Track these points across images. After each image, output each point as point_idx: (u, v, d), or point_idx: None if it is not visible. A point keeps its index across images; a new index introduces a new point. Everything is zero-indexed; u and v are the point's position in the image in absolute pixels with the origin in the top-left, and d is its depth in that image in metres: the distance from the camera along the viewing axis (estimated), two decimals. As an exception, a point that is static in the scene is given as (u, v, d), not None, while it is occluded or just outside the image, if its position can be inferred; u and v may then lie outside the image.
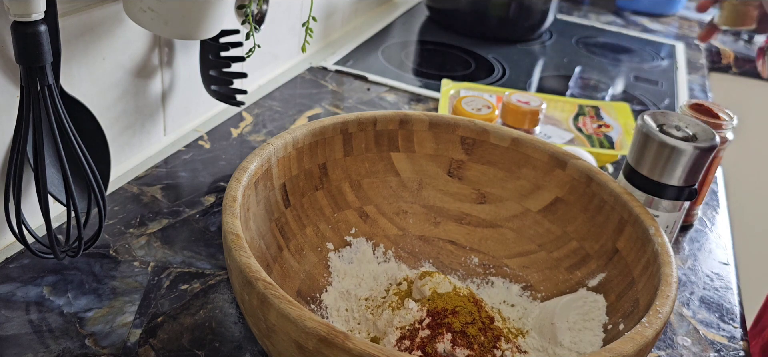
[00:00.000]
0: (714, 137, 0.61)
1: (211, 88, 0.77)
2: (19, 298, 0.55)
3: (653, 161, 0.61)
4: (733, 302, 0.66)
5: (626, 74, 1.23)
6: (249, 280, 0.41)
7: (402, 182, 0.63)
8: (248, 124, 0.87)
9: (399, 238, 0.63)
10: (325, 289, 0.57)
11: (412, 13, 1.43)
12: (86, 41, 0.63)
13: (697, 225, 0.77)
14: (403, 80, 1.06)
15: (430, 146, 0.63)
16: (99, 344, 0.51)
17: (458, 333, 0.49)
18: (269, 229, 0.54)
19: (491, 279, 0.60)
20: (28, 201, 0.60)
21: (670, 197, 0.62)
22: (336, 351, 0.37)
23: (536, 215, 0.61)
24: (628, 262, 0.53)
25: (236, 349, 0.53)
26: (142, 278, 0.59)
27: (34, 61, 0.50)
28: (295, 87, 1.00)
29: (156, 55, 0.74)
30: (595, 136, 0.89)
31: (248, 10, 0.73)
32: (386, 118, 0.62)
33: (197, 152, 0.79)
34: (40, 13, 0.49)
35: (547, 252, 0.59)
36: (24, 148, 0.52)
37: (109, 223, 0.65)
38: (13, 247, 0.60)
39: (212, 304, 0.57)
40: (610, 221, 0.55)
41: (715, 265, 0.71)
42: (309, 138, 0.58)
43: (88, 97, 0.65)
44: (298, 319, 0.38)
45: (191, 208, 0.69)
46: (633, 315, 0.48)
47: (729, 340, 0.61)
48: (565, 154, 0.60)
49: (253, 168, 0.52)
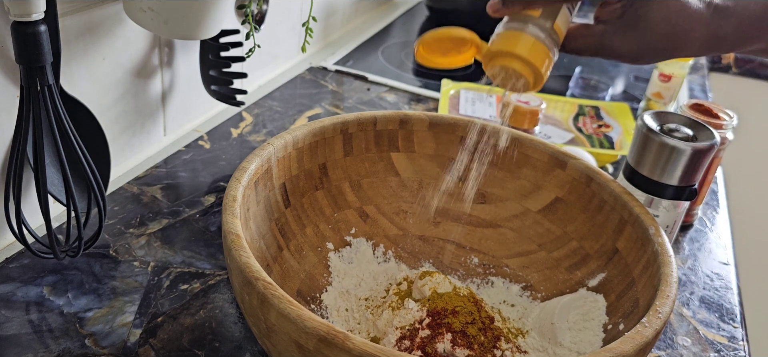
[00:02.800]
0: (714, 137, 0.61)
1: (211, 88, 0.77)
2: (19, 298, 0.55)
3: (653, 161, 0.61)
4: (733, 302, 0.66)
5: (626, 74, 1.22)
6: (249, 280, 0.41)
7: (402, 182, 0.63)
8: (248, 124, 0.87)
9: (399, 238, 0.63)
10: (325, 289, 0.57)
11: (412, 13, 1.43)
12: (86, 41, 0.63)
13: (697, 225, 0.77)
14: (403, 80, 1.06)
15: (430, 146, 0.63)
16: (99, 344, 0.51)
17: (458, 333, 0.49)
18: (269, 229, 0.54)
19: (491, 279, 0.60)
20: (28, 201, 0.60)
21: (670, 197, 0.62)
22: (336, 351, 0.37)
23: (536, 215, 0.61)
24: (628, 262, 0.53)
25: (236, 349, 0.53)
26: (142, 278, 0.59)
27: (34, 61, 0.50)
28: (295, 87, 1.00)
29: (156, 55, 0.73)
30: (595, 136, 0.89)
31: (248, 10, 0.73)
32: (386, 118, 0.62)
33: (197, 152, 0.79)
34: (40, 13, 0.49)
35: (547, 252, 0.59)
36: (24, 148, 0.52)
37: (109, 223, 0.65)
38: (13, 247, 0.60)
39: (212, 304, 0.57)
40: (610, 221, 0.55)
41: (715, 265, 0.71)
42: (309, 138, 0.58)
43: (88, 97, 0.65)
44: (298, 319, 0.38)
45: (191, 208, 0.69)
46: (633, 315, 0.48)
47: (729, 340, 0.61)
48: (565, 154, 0.60)
49: (253, 168, 0.52)
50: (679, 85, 0.97)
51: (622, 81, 1.19)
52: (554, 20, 0.49)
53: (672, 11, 0.47)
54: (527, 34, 0.49)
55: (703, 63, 1.38)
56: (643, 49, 0.48)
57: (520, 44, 0.49)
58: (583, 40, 0.51)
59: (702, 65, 1.36)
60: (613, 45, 0.49)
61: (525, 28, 0.49)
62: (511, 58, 0.49)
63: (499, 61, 0.50)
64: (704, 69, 1.35)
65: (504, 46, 0.49)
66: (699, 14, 0.47)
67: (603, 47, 0.50)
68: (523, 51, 0.48)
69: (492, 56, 0.50)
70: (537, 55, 0.49)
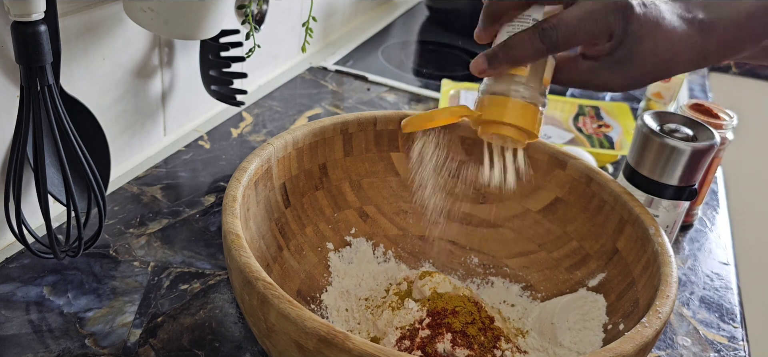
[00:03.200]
0: (714, 137, 0.61)
1: (211, 88, 0.77)
2: (19, 298, 0.55)
3: (653, 161, 0.61)
4: (733, 302, 0.66)
5: (626, 74, 1.22)
6: (249, 280, 0.41)
7: (402, 182, 0.63)
8: (248, 124, 0.87)
9: (399, 238, 0.63)
10: (325, 289, 0.57)
11: (412, 13, 1.43)
12: (86, 41, 0.63)
13: (697, 225, 0.77)
14: (403, 80, 1.06)
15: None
16: (99, 344, 0.51)
17: (458, 333, 0.49)
18: (269, 229, 0.54)
19: (491, 279, 0.60)
20: (28, 201, 0.60)
21: (670, 197, 0.62)
22: (336, 351, 0.37)
23: (536, 215, 0.61)
24: (628, 262, 0.53)
25: (236, 349, 0.53)
26: (142, 278, 0.59)
27: (34, 61, 0.50)
28: (295, 87, 1.00)
29: (156, 55, 0.73)
30: (595, 136, 0.89)
31: (248, 10, 0.73)
32: (386, 118, 0.62)
33: (197, 152, 0.79)
34: (40, 13, 0.49)
35: (547, 252, 0.59)
36: (24, 148, 0.52)
37: (109, 223, 0.65)
38: (13, 247, 0.60)
39: (212, 304, 0.57)
40: (610, 221, 0.55)
41: (715, 265, 0.71)
42: (309, 138, 0.58)
43: (88, 97, 0.65)
44: (298, 319, 0.38)
45: (191, 208, 0.69)
46: (633, 315, 0.48)
47: (729, 340, 0.61)
48: (565, 154, 0.60)
49: (253, 168, 0.52)
50: (679, 85, 0.97)
51: (622, 81, 1.19)
52: (542, 74, 0.49)
53: (660, 42, 0.46)
54: (515, 100, 0.48)
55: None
56: (631, 81, 0.49)
57: (509, 111, 0.48)
58: (569, 73, 0.50)
59: (702, 65, 1.36)
60: (601, 80, 0.49)
61: (511, 93, 0.48)
62: (502, 126, 0.49)
63: (491, 130, 0.50)
64: (704, 69, 1.35)
65: (494, 115, 0.49)
66: (686, 37, 0.47)
67: (591, 82, 0.50)
68: (513, 119, 0.48)
69: (483, 123, 0.50)
70: (527, 117, 0.48)
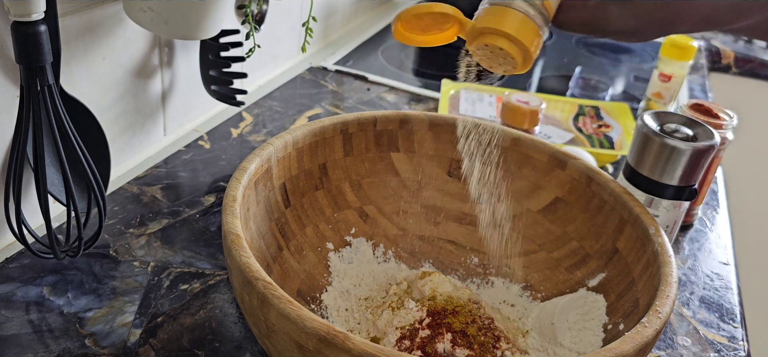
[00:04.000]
0: (714, 137, 0.61)
1: (211, 88, 0.77)
2: (19, 298, 0.55)
3: (653, 161, 0.61)
4: (733, 302, 0.66)
5: (626, 74, 1.22)
6: (249, 280, 0.41)
7: (402, 182, 0.63)
8: (248, 124, 0.87)
9: (399, 238, 0.63)
10: (325, 289, 0.57)
11: (412, 13, 1.43)
12: (86, 41, 0.63)
13: (697, 225, 0.77)
14: (403, 80, 1.06)
15: (430, 146, 0.63)
16: (99, 344, 0.51)
17: (458, 333, 0.49)
18: (269, 229, 0.54)
19: (491, 279, 0.60)
20: (28, 201, 0.60)
21: (670, 197, 0.62)
22: (336, 351, 0.37)
23: (536, 215, 0.61)
24: (628, 262, 0.53)
25: (236, 349, 0.53)
26: (142, 278, 0.59)
27: (34, 61, 0.50)
28: (295, 87, 1.00)
29: (156, 55, 0.73)
30: (595, 136, 0.89)
31: (248, 10, 0.73)
32: (386, 118, 0.62)
33: (197, 152, 0.79)
34: (40, 13, 0.49)
35: (547, 252, 0.59)
36: (24, 148, 0.52)
37: (109, 223, 0.65)
38: (13, 247, 0.60)
39: (212, 304, 0.57)
40: (610, 221, 0.55)
41: (715, 265, 0.71)
42: (309, 138, 0.58)
43: (88, 97, 0.65)
44: (298, 319, 0.38)
45: (191, 208, 0.69)
46: (633, 315, 0.48)
47: (729, 340, 0.61)
48: (565, 154, 0.60)
49: (253, 168, 0.52)
50: (679, 85, 0.97)
51: (622, 81, 1.19)
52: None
53: None
54: (515, 10, 0.45)
55: (703, 63, 1.38)
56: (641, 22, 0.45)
57: (508, 20, 0.44)
58: (575, 12, 0.46)
59: (702, 65, 1.36)
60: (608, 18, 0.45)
61: (512, 3, 0.45)
62: (497, 35, 0.45)
63: (484, 39, 0.46)
64: (704, 69, 1.35)
65: (490, 22, 0.45)
66: None
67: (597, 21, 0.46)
68: (510, 28, 0.44)
69: (476, 34, 0.46)
70: (526, 32, 0.45)
